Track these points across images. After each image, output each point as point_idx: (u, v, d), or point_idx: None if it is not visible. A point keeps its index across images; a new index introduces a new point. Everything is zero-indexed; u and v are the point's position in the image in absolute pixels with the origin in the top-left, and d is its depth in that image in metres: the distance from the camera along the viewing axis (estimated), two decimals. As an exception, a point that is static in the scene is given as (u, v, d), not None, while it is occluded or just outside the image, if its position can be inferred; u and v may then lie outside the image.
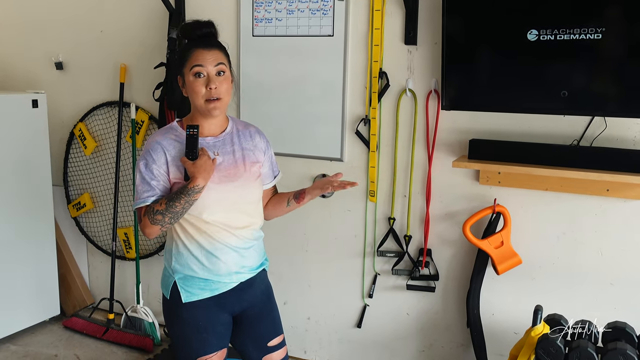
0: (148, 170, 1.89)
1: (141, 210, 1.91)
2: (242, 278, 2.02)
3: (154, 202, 1.88)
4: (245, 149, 2.03)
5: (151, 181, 1.89)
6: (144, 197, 1.89)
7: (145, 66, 3.33)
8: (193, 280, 1.97)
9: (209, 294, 1.98)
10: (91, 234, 3.77)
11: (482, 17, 2.42)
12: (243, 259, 2.00)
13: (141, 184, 1.90)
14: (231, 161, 1.98)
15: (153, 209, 1.86)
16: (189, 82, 1.90)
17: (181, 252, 1.97)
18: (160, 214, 1.85)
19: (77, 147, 3.70)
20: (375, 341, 3.05)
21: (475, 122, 2.64)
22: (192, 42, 1.92)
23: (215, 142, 1.97)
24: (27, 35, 3.73)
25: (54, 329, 3.63)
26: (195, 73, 1.87)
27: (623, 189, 2.39)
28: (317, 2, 2.84)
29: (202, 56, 1.87)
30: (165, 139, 1.92)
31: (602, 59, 2.25)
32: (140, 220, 1.92)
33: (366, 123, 2.85)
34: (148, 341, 3.37)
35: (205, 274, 1.96)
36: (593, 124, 2.43)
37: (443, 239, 2.80)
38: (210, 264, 1.96)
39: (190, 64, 1.88)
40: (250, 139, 2.06)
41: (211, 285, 1.97)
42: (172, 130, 1.96)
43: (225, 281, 1.98)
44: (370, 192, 2.90)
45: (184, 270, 1.97)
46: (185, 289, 1.96)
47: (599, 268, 2.53)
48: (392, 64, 2.76)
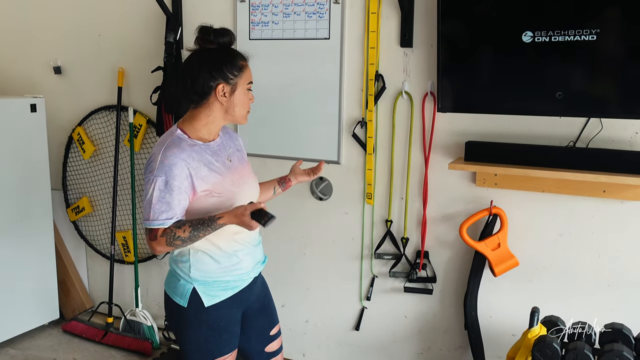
0: (168, 188, 1.83)
1: (155, 230, 1.86)
2: (256, 273, 2.10)
3: (174, 225, 1.85)
4: (240, 150, 2.12)
5: (172, 201, 1.84)
6: (161, 219, 1.84)
7: (143, 70, 3.34)
8: (214, 284, 1.98)
9: (231, 293, 2.01)
10: (90, 237, 3.77)
11: (477, 19, 2.42)
12: (256, 255, 2.08)
13: (159, 203, 1.83)
14: (239, 161, 2.06)
15: (174, 234, 1.84)
16: (241, 94, 1.94)
17: (200, 259, 1.96)
18: (181, 240, 1.84)
19: (76, 151, 3.71)
20: (373, 344, 3.05)
21: (472, 124, 2.64)
22: (232, 53, 1.95)
23: (218, 146, 1.99)
24: (26, 40, 3.75)
25: (53, 332, 3.64)
26: (249, 88, 1.97)
27: (619, 190, 2.39)
28: (313, 5, 2.84)
29: (250, 72, 1.97)
30: (182, 151, 1.87)
31: (597, 60, 2.25)
32: (153, 238, 1.87)
33: (363, 125, 2.86)
34: (147, 345, 3.37)
35: (227, 275, 1.99)
36: (589, 125, 2.43)
37: (440, 241, 2.80)
38: (232, 265, 1.99)
39: (247, 79, 1.95)
40: (235, 139, 2.14)
41: (232, 284, 2.01)
42: (184, 141, 1.91)
43: (245, 279, 2.04)
44: (368, 194, 2.90)
45: (204, 275, 1.97)
46: (207, 294, 1.97)
47: (596, 269, 2.52)
48: (388, 66, 2.76)
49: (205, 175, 1.89)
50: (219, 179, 1.92)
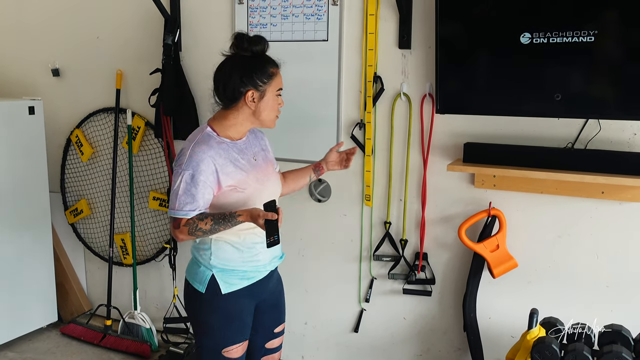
0: (194, 182, 1.96)
1: (179, 219, 2.00)
2: (272, 267, 2.23)
3: (196, 216, 1.98)
4: (265, 150, 2.23)
5: (196, 194, 1.97)
6: (185, 210, 1.98)
7: (141, 72, 3.34)
8: (232, 272, 2.10)
9: (247, 283, 2.13)
10: (88, 240, 3.77)
11: (475, 21, 2.42)
12: (274, 250, 2.19)
13: (184, 195, 1.97)
14: (263, 160, 2.17)
15: (196, 226, 1.97)
16: (270, 99, 2.06)
17: (221, 247, 2.09)
18: (202, 232, 1.98)
19: (74, 154, 3.70)
20: (372, 346, 3.04)
21: (470, 126, 2.64)
22: (264, 61, 2.05)
23: (245, 144, 2.11)
24: (24, 42, 3.74)
25: (52, 335, 3.63)
26: (279, 94, 2.10)
27: (618, 191, 2.39)
28: (311, 7, 2.84)
29: (281, 78, 2.10)
30: (210, 148, 1.99)
31: (595, 61, 2.26)
32: (176, 226, 2.00)
33: (361, 127, 2.85)
34: (145, 347, 3.36)
35: (244, 266, 2.11)
36: (587, 127, 2.43)
37: (439, 243, 2.80)
38: (251, 256, 2.12)
39: (277, 86, 2.08)
40: (261, 138, 2.24)
41: (249, 275, 2.13)
42: (212, 138, 2.03)
43: (262, 270, 2.17)
44: (366, 196, 2.90)
45: (224, 264, 2.09)
46: (225, 281, 2.09)
47: (594, 271, 2.52)
48: (387, 68, 2.76)
49: (230, 171, 2.01)
50: (243, 176, 2.04)
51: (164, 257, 3.49)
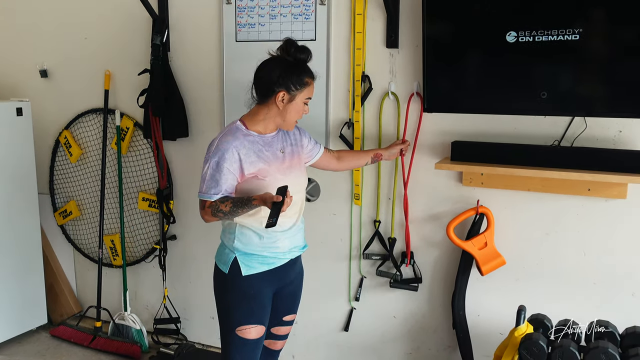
0: (219, 168, 2.15)
1: (205, 201, 2.19)
2: (293, 255, 2.36)
3: (219, 199, 2.15)
4: (294, 145, 2.35)
5: (220, 180, 2.15)
6: (210, 193, 2.17)
7: (129, 73, 3.33)
8: (253, 256, 2.25)
9: (267, 268, 2.27)
10: (78, 241, 3.75)
11: (461, 20, 2.43)
12: (295, 240, 2.35)
13: (210, 180, 2.16)
14: (290, 153, 2.31)
15: (218, 207, 2.15)
16: (298, 104, 2.21)
17: (244, 233, 2.25)
18: (222, 213, 2.15)
19: (63, 155, 3.69)
20: (362, 344, 3.05)
21: (458, 124, 2.65)
22: (302, 69, 2.19)
23: (272, 138, 2.26)
24: (11, 43, 3.72)
25: (41, 337, 3.61)
26: (306, 103, 2.25)
27: (604, 188, 2.41)
28: (299, 7, 2.85)
29: (313, 89, 2.24)
30: (236, 139, 2.18)
31: (581, 59, 2.27)
32: (202, 207, 2.20)
33: (350, 126, 2.86)
34: (136, 348, 3.36)
35: (265, 251, 2.26)
36: (573, 124, 2.45)
37: (427, 241, 2.81)
38: (270, 242, 2.26)
39: (308, 94, 2.23)
40: (293, 134, 2.37)
41: (268, 260, 2.27)
42: (240, 131, 2.21)
43: (281, 257, 2.30)
44: (355, 195, 2.91)
45: (246, 248, 2.25)
46: (246, 264, 2.24)
47: (582, 267, 2.54)
48: (375, 67, 2.77)
49: (253, 160, 2.18)
50: (265, 165, 2.20)
51: (154, 258, 3.49)
